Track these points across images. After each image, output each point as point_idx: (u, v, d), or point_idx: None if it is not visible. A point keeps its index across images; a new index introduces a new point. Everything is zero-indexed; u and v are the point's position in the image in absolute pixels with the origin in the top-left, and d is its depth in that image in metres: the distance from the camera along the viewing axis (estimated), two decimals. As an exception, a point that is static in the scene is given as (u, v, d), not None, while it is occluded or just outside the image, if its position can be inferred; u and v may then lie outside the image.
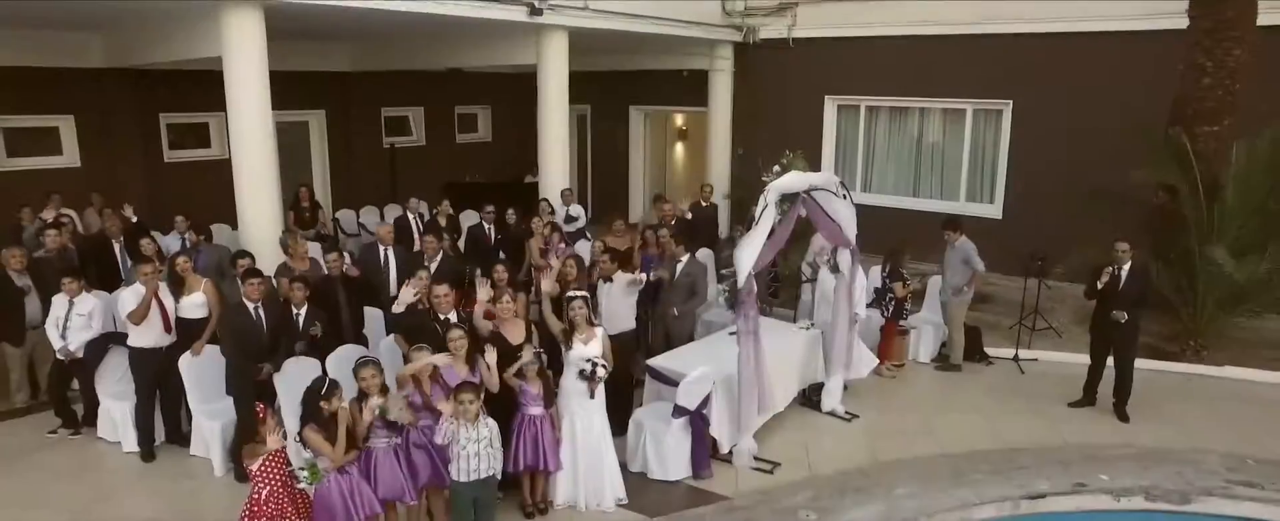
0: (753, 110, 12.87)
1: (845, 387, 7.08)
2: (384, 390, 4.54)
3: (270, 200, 8.00)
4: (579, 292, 5.38)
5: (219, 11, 7.39)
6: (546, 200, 9.69)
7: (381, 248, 7.50)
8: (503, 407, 4.95)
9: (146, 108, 11.47)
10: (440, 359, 4.70)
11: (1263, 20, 7.96)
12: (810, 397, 7.04)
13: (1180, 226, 7.54)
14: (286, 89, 8.60)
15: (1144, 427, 6.71)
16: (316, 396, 4.31)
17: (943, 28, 10.92)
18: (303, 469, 4.23)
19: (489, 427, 4.56)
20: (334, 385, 4.39)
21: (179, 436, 6.17)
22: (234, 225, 9.96)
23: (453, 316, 5.43)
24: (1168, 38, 8.61)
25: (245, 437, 4.29)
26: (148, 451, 6.00)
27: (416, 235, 9.05)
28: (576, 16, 10.00)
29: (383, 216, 12.41)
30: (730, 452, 6.02)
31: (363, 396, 4.45)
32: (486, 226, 8.49)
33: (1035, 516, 5.56)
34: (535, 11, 9.38)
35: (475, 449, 4.45)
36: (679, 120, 15.36)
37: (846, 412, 6.93)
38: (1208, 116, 7.77)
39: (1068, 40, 10.05)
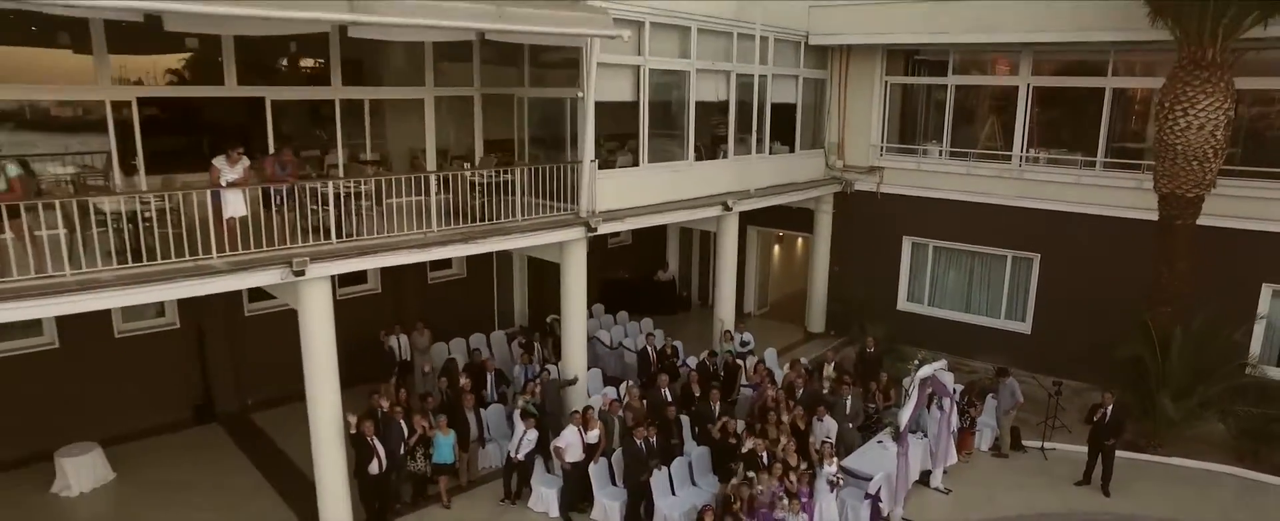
0: (846, 242, 17.65)
1: (944, 471, 11.91)
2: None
3: (581, 344, 12.88)
4: (829, 440, 10.27)
5: (563, 245, 12.24)
6: (729, 330, 14.48)
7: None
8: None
9: (422, 244, 16.19)
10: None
11: (1201, 222, 12.65)
12: (923, 477, 11.84)
13: (1146, 372, 12.31)
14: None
15: (1119, 500, 11.50)
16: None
17: (992, 198, 15.64)
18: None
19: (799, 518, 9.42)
20: (726, 499, 9.24)
21: (579, 508, 10.97)
22: (484, 330, 15.12)
23: (764, 453, 10.22)
24: (1147, 225, 13.24)
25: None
26: (566, 518, 10.82)
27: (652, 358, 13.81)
28: (748, 201, 14.83)
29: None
30: (888, 516, 10.83)
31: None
32: (708, 362, 13.24)
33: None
34: (727, 208, 14.20)
35: (794, 530, 9.34)
36: (778, 231, 20.14)
37: (945, 488, 11.74)
38: (1165, 301, 12.52)
39: (1081, 217, 14.74)
